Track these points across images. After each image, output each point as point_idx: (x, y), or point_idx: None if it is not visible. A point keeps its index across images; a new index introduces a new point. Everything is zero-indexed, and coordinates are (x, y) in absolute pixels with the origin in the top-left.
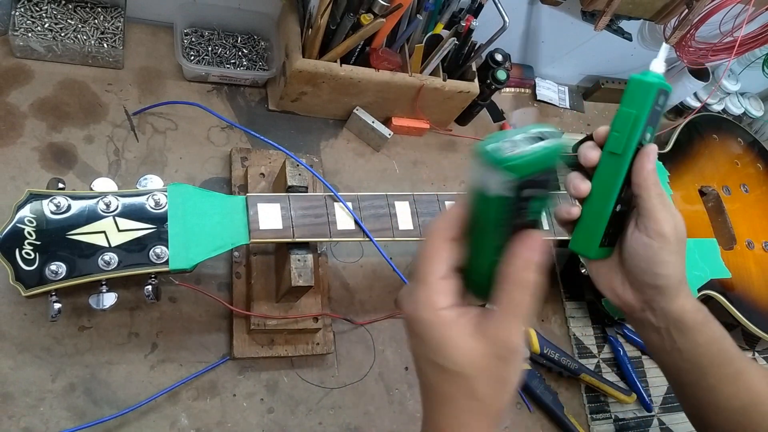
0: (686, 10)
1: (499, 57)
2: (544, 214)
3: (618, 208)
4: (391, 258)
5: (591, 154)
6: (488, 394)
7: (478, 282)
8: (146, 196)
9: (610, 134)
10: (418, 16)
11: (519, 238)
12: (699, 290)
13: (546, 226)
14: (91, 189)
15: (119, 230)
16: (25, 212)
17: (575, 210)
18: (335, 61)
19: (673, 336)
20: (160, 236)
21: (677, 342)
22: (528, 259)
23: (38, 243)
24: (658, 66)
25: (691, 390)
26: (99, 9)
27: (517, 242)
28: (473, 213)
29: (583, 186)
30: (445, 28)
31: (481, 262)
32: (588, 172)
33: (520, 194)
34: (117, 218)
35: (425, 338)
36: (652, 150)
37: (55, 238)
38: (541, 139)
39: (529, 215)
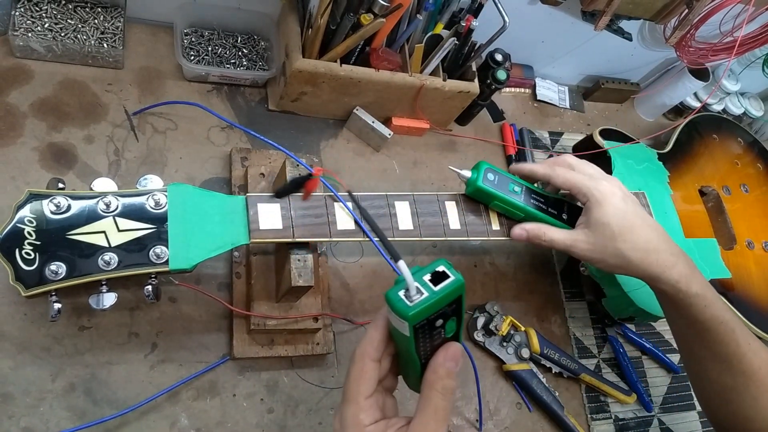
0: (686, 10)
1: (499, 57)
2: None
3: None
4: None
5: None
6: None
7: (412, 380)
8: (146, 196)
9: None
10: (418, 16)
11: (442, 349)
12: None
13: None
14: (91, 189)
15: (119, 230)
16: (25, 212)
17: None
18: (335, 61)
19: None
20: (160, 236)
21: (663, 308)
22: (449, 368)
23: (38, 243)
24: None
25: (689, 355)
26: (99, 9)
27: (440, 353)
28: (394, 339)
29: None
30: (445, 28)
31: (412, 368)
32: None
33: (431, 326)
34: (117, 218)
35: None
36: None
37: (55, 238)
38: (444, 276)
39: (447, 334)
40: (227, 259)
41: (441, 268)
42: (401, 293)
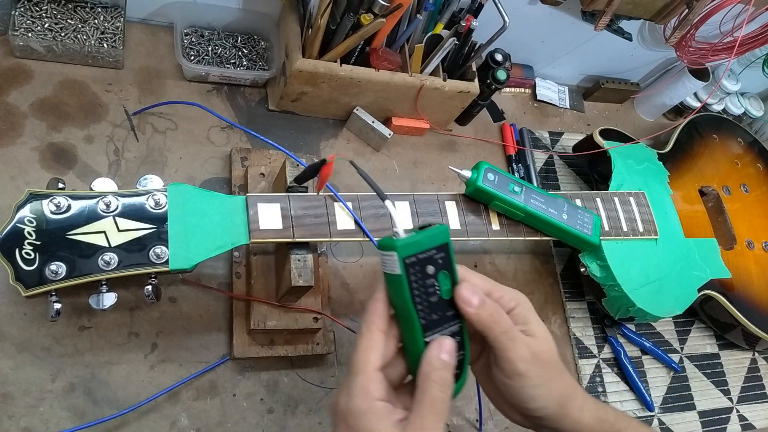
0: (686, 10)
1: (499, 57)
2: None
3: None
4: None
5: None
6: None
7: (413, 365)
8: (146, 196)
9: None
10: (418, 16)
11: (435, 342)
12: (699, 290)
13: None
14: (91, 189)
15: (119, 230)
16: (25, 212)
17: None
18: (335, 61)
19: None
20: (160, 236)
21: None
22: (445, 360)
23: (38, 243)
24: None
25: None
26: (99, 9)
27: (434, 345)
28: (393, 299)
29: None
30: (445, 28)
31: (414, 346)
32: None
33: (422, 270)
34: (117, 218)
35: (355, 428)
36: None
37: (55, 238)
38: (429, 226)
39: (443, 292)
40: (227, 259)
41: (426, 222)
42: (389, 235)
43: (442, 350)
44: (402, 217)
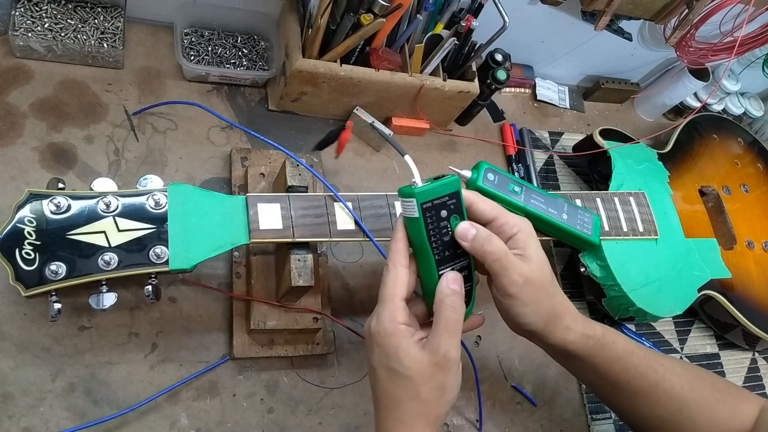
0: (686, 10)
1: (499, 57)
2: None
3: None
4: None
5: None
6: (430, 398)
7: (430, 301)
8: (146, 196)
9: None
10: (418, 16)
11: (443, 277)
12: (699, 290)
13: None
14: (91, 189)
15: (119, 230)
16: (25, 212)
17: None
18: (335, 61)
19: (568, 362)
20: (160, 236)
21: (575, 365)
22: (453, 288)
23: (38, 243)
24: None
25: (611, 401)
26: (99, 9)
27: (443, 279)
28: (412, 239)
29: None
30: (445, 28)
31: (429, 279)
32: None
33: (436, 213)
34: (117, 218)
35: (384, 346)
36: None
37: (55, 238)
38: (442, 177)
39: (453, 232)
40: (227, 259)
41: (439, 174)
42: (408, 185)
43: (450, 282)
44: (413, 165)
